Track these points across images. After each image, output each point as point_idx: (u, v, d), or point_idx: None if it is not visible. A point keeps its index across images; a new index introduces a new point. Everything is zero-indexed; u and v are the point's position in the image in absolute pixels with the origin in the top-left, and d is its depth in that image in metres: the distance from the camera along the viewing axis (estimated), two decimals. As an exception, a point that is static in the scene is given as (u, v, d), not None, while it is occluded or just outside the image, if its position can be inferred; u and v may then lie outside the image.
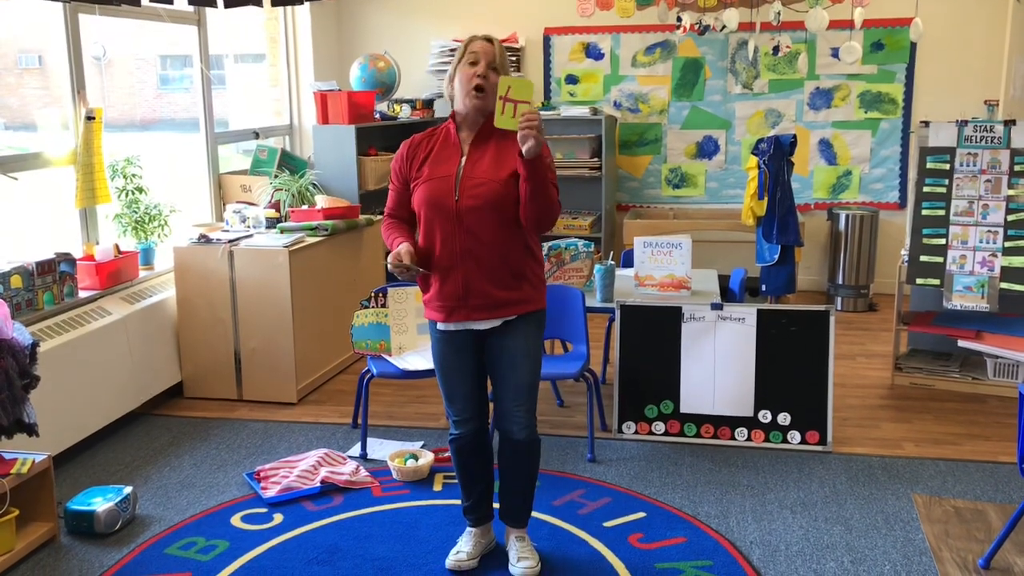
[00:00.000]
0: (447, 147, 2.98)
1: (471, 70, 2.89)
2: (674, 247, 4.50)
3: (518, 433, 3.05)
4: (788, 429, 4.18)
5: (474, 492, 3.21)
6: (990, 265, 4.74)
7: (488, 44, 2.92)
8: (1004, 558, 3.22)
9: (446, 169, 2.94)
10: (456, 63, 2.94)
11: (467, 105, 2.91)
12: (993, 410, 4.68)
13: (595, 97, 7.29)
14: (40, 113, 4.70)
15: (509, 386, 3.02)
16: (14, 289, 3.94)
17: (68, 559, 3.29)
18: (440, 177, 2.93)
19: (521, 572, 3.10)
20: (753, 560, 3.23)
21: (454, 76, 2.94)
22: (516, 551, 3.16)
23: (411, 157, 3.02)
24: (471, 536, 3.23)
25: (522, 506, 3.19)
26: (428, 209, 2.93)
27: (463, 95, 2.91)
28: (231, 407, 4.81)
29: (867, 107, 6.90)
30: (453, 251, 2.91)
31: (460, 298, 2.93)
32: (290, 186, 5.54)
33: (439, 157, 2.97)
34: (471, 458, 3.17)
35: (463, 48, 2.94)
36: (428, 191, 2.93)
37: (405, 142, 3.06)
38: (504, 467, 3.15)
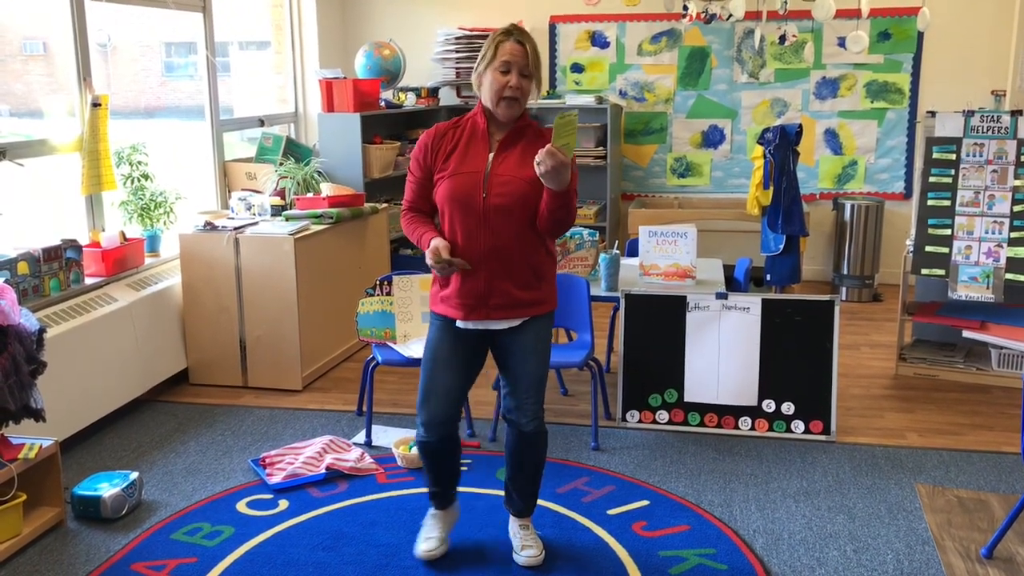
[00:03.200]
0: (475, 141, 2.90)
1: (503, 79, 2.80)
2: (679, 236, 4.50)
3: (527, 425, 3.04)
4: (792, 418, 4.19)
5: (443, 481, 3.17)
6: (995, 255, 4.73)
7: (520, 48, 2.81)
8: (1007, 548, 3.23)
9: (474, 164, 2.87)
10: (486, 62, 2.83)
11: (497, 112, 2.86)
12: (997, 400, 4.68)
13: (601, 86, 7.28)
14: (46, 100, 4.70)
15: (521, 380, 3.00)
16: (20, 275, 3.96)
17: (75, 544, 3.31)
18: (468, 172, 2.85)
19: (526, 561, 3.11)
20: (756, 548, 3.24)
21: (483, 73, 2.85)
22: (520, 539, 3.16)
23: (436, 148, 2.92)
24: (438, 519, 3.20)
25: (529, 497, 3.18)
26: (453, 205, 2.86)
27: (492, 101, 2.84)
28: (237, 394, 4.83)
29: (873, 97, 6.88)
30: (477, 249, 2.86)
31: (481, 297, 2.90)
32: (295, 174, 5.54)
33: (467, 151, 2.89)
34: (442, 460, 3.12)
35: (494, 46, 2.82)
36: (454, 186, 2.85)
37: (428, 131, 2.96)
38: (512, 458, 3.12)
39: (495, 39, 2.83)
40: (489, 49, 2.83)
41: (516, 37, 2.83)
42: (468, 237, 2.86)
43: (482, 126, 2.90)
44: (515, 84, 2.80)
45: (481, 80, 2.86)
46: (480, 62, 2.86)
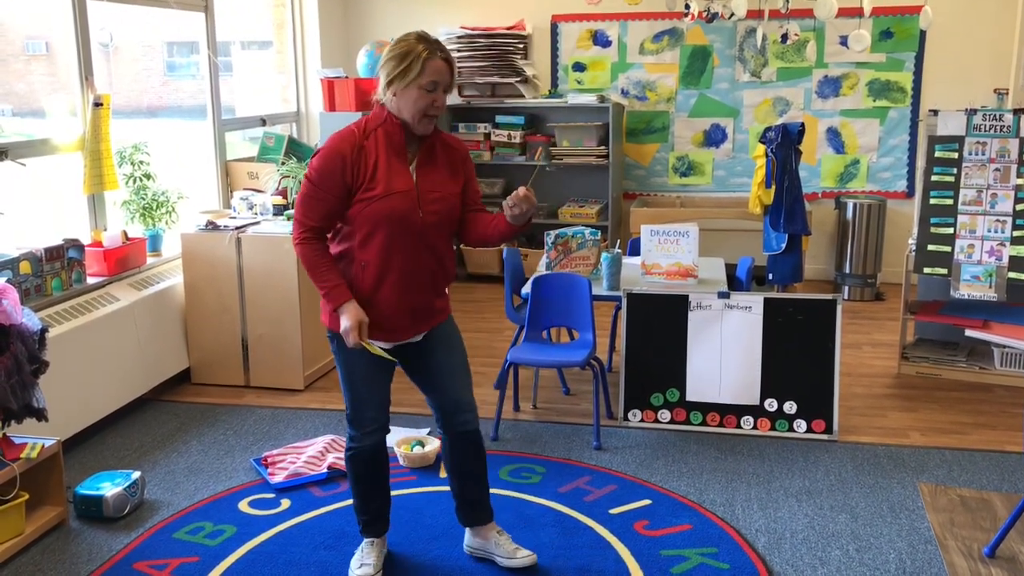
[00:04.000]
0: (393, 155, 2.76)
1: (429, 97, 2.71)
2: (681, 235, 4.49)
3: (472, 423, 3.02)
4: (794, 418, 4.19)
5: (375, 504, 3.09)
6: (998, 254, 4.73)
7: (447, 66, 2.74)
8: (1009, 547, 3.22)
9: (403, 182, 2.75)
10: (410, 77, 2.69)
11: (417, 128, 2.77)
12: (1000, 399, 4.68)
13: (602, 85, 7.27)
14: (48, 99, 4.70)
15: (455, 372, 2.99)
16: (23, 275, 3.96)
17: (77, 543, 3.31)
18: (401, 192, 2.74)
19: (526, 563, 3.07)
20: (758, 547, 3.24)
21: (404, 88, 2.71)
22: (504, 546, 3.11)
23: (357, 163, 2.72)
24: (373, 547, 3.10)
25: (487, 499, 3.14)
26: (389, 226, 2.73)
27: (414, 118, 2.74)
28: (238, 393, 4.83)
29: (875, 95, 6.88)
30: (414, 269, 2.81)
31: (410, 318, 2.88)
32: (297, 173, 5.54)
33: (389, 164, 2.75)
34: (375, 469, 3.05)
35: (418, 61, 2.69)
36: (390, 207, 2.72)
37: (338, 143, 2.74)
38: (462, 466, 3.07)
39: (419, 54, 2.69)
40: (414, 64, 2.69)
41: (442, 55, 2.74)
42: (406, 257, 2.78)
43: (399, 140, 2.78)
44: (441, 103, 2.75)
45: (398, 93, 2.72)
46: (400, 75, 2.70)
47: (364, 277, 2.80)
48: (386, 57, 2.75)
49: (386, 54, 2.76)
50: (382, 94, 2.77)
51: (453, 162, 2.89)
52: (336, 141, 2.75)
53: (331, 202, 2.75)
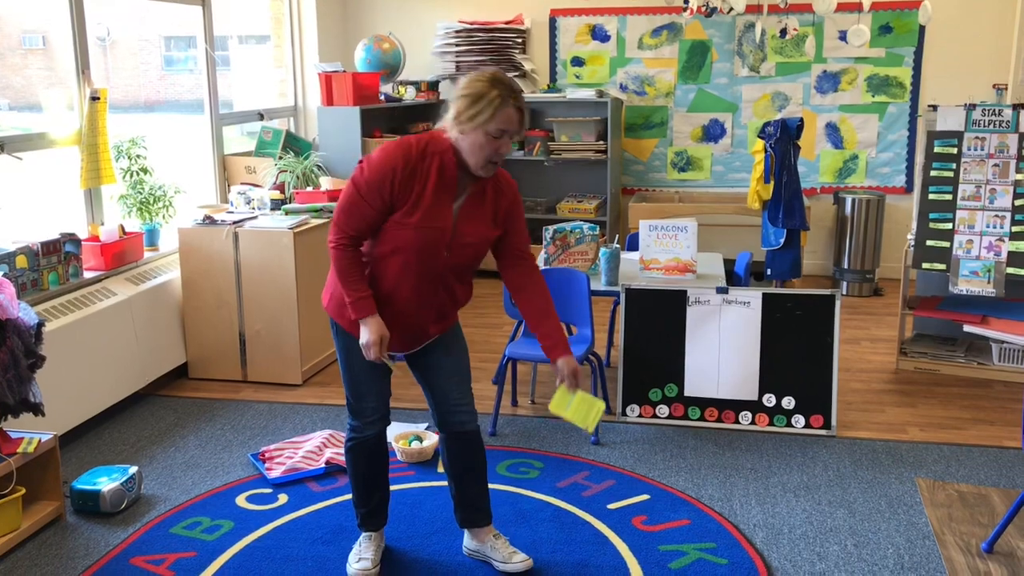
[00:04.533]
0: (443, 185, 2.69)
1: (495, 144, 2.64)
2: (679, 231, 4.49)
3: (470, 423, 3.01)
4: (792, 413, 4.18)
5: (375, 496, 3.08)
6: (997, 250, 4.72)
7: (518, 115, 2.65)
8: (1007, 542, 3.22)
9: (441, 218, 2.69)
10: (480, 121, 2.61)
11: (476, 171, 2.69)
12: (998, 395, 4.68)
13: (601, 79, 7.26)
14: (45, 93, 4.69)
15: (452, 376, 2.98)
16: (19, 269, 3.95)
17: (74, 538, 3.30)
18: (435, 228, 2.69)
19: (522, 568, 3.04)
20: (756, 543, 3.24)
21: (471, 128, 2.63)
22: (500, 549, 3.08)
23: (406, 183, 2.66)
24: (371, 541, 3.10)
25: (486, 501, 3.12)
26: (411, 255, 2.70)
27: (476, 161, 2.67)
28: (236, 388, 4.82)
29: (874, 91, 6.87)
30: (421, 301, 2.80)
31: (416, 338, 2.90)
32: (295, 168, 5.53)
33: (435, 199, 2.68)
34: (376, 460, 3.05)
35: (490, 107, 2.60)
36: (420, 240, 2.68)
37: (392, 155, 2.67)
38: (462, 467, 3.06)
39: (492, 100, 2.60)
40: (485, 108, 2.61)
41: (515, 102, 2.64)
42: (418, 288, 2.77)
43: (452, 176, 2.70)
44: (505, 151, 2.70)
45: (465, 131, 2.64)
46: (469, 116, 2.63)
47: (373, 288, 2.78)
48: (460, 91, 2.65)
49: (461, 87, 2.66)
50: (449, 126, 2.68)
51: (499, 207, 2.81)
52: (389, 155, 2.66)
53: (373, 216, 2.69)
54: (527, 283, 2.91)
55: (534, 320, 2.90)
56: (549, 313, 2.90)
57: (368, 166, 2.68)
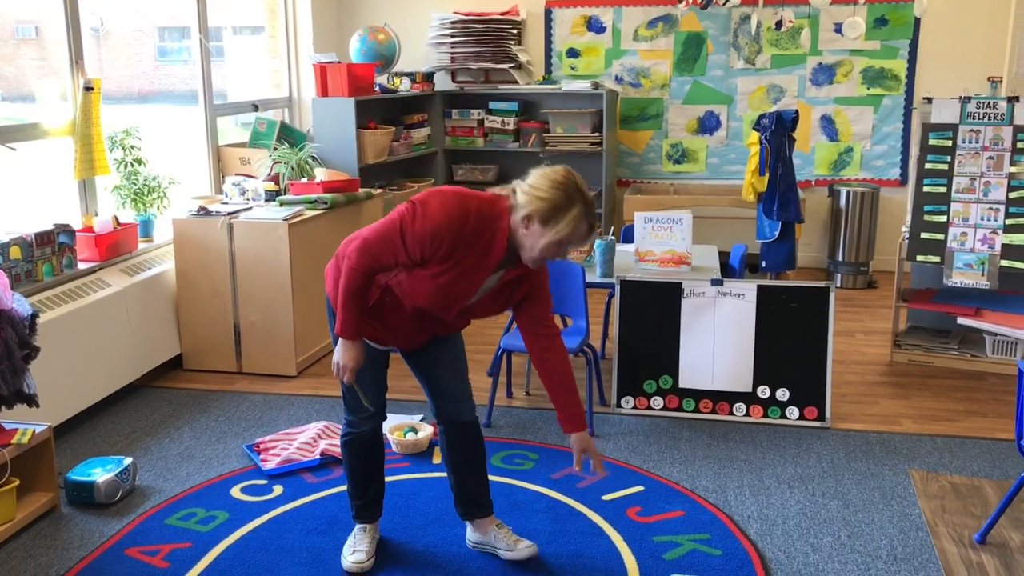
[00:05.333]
0: (484, 262, 2.61)
1: (556, 250, 2.56)
2: (675, 223, 4.49)
3: (469, 414, 3.02)
4: (786, 405, 4.19)
5: (371, 489, 3.09)
6: (991, 242, 4.73)
7: (590, 231, 2.59)
8: (1000, 533, 3.23)
9: (466, 290, 2.66)
10: (551, 226, 2.52)
11: (525, 259, 2.63)
12: (991, 387, 4.69)
13: (596, 71, 7.25)
14: (38, 84, 4.67)
15: (451, 368, 2.98)
16: (13, 260, 3.94)
17: (68, 529, 3.30)
18: (455, 295, 2.66)
19: (528, 554, 3.04)
20: (750, 534, 3.25)
21: (539, 229, 2.53)
22: (504, 538, 3.08)
23: (452, 248, 2.56)
24: (366, 533, 3.10)
25: (487, 492, 3.12)
26: (419, 303, 2.69)
27: (530, 256, 2.60)
28: (231, 379, 4.82)
29: (869, 83, 6.87)
30: (421, 327, 2.82)
31: (412, 344, 2.94)
32: (289, 159, 5.52)
33: (471, 270, 2.61)
34: (372, 454, 3.05)
35: (570, 222, 2.51)
36: (433, 298, 2.65)
37: (451, 222, 2.53)
38: (461, 458, 3.05)
39: (573, 219, 2.52)
40: (562, 221, 2.52)
41: (590, 221, 2.56)
42: (415, 322, 2.78)
43: (499, 257, 2.61)
44: (563, 257, 2.67)
45: (531, 227, 2.54)
46: (544, 219, 2.52)
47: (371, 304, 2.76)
48: (538, 191, 2.53)
49: (540, 186, 2.54)
50: (519, 211, 2.56)
51: (522, 286, 2.75)
52: (446, 218, 2.53)
53: (405, 261, 2.61)
54: (549, 356, 2.82)
55: (552, 392, 2.84)
56: (569, 388, 2.82)
57: (422, 216, 2.55)
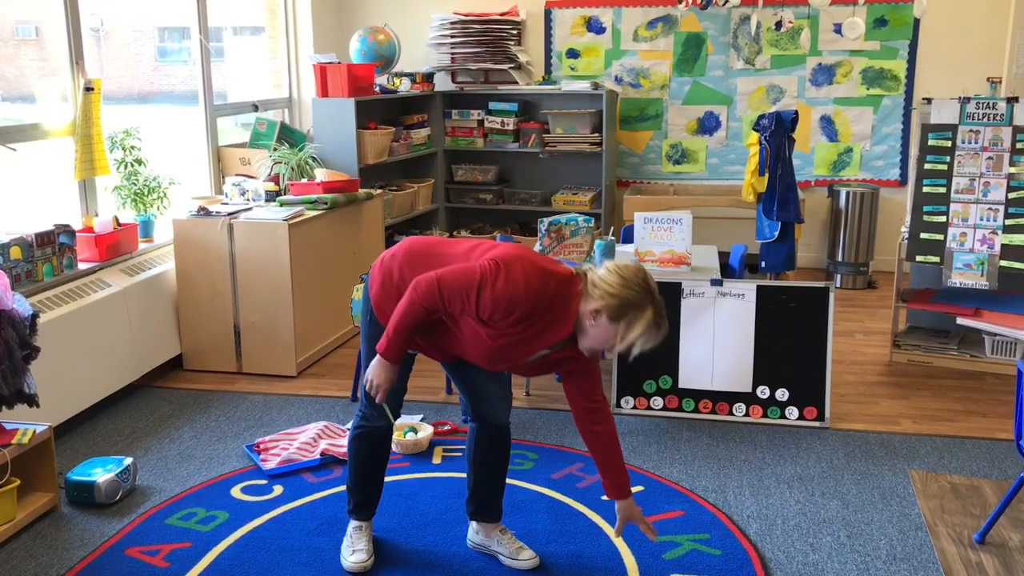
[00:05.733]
0: (543, 338, 2.61)
1: (617, 348, 2.57)
2: (674, 223, 4.49)
3: (504, 418, 3.02)
4: (786, 405, 4.20)
5: (372, 486, 3.08)
6: (990, 243, 4.74)
7: (659, 340, 2.60)
8: (999, 533, 3.24)
9: (517, 356, 2.65)
10: (622, 321, 2.52)
11: (582, 345, 2.62)
12: (991, 387, 4.70)
13: (596, 72, 7.25)
14: (38, 84, 4.67)
15: (493, 375, 2.95)
16: (13, 260, 3.94)
17: (69, 529, 3.31)
18: (506, 359, 2.66)
19: (529, 565, 3.04)
20: (750, 534, 3.25)
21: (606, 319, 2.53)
22: (507, 544, 3.08)
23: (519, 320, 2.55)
24: (363, 532, 3.09)
25: (500, 498, 3.13)
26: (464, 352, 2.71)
27: (589, 346, 2.61)
28: (231, 380, 4.82)
29: (869, 84, 6.87)
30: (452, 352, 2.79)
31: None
32: (289, 159, 5.52)
33: (530, 341, 2.60)
34: (380, 452, 3.05)
35: (641, 326, 2.52)
36: (484, 355, 2.65)
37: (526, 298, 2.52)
38: (485, 459, 3.05)
39: (646, 326, 2.53)
40: (634, 324, 2.52)
41: (662, 323, 2.57)
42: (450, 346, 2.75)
43: (559, 339, 2.61)
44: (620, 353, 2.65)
45: (599, 321, 2.54)
46: (614, 316, 2.52)
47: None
48: (613, 285, 2.52)
49: (616, 280, 2.53)
50: (588, 301, 2.54)
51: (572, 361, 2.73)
52: (525, 292, 2.52)
53: (472, 314, 2.57)
54: (597, 429, 2.82)
55: (600, 460, 2.86)
56: (616, 457, 2.84)
57: (504, 281, 2.52)
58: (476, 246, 2.74)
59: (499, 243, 2.73)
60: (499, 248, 2.66)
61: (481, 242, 2.76)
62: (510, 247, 2.67)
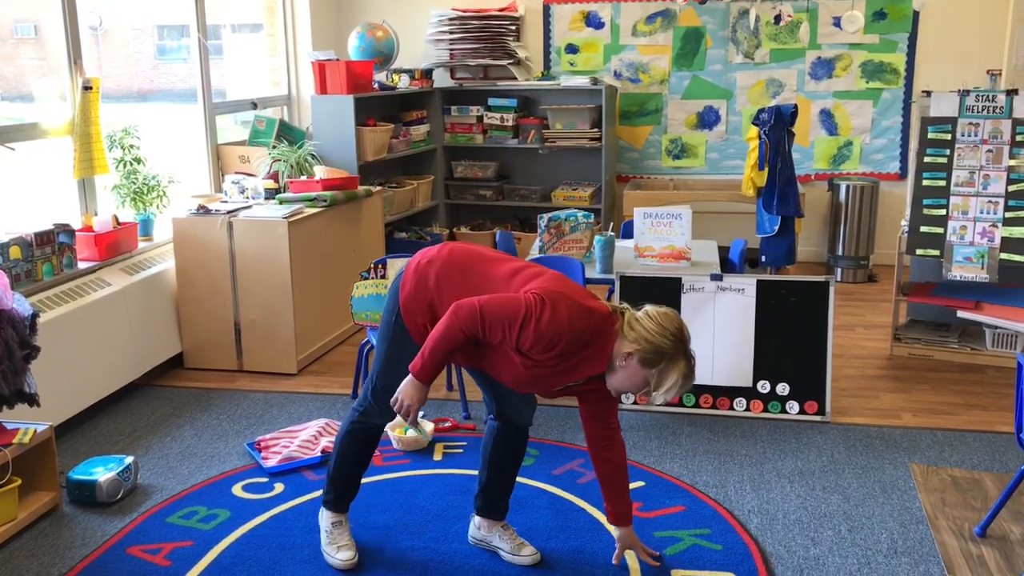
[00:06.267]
0: (579, 370, 2.63)
1: (644, 389, 2.62)
2: (674, 218, 4.49)
3: (527, 419, 3.02)
4: (787, 399, 4.20)
5: (356, 480, 3.07)
6: (990, 236, 4.73)
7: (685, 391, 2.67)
8: (1000, 526, 3.24)
9: (547, 385, 2.69)
10: (654, 369, 2.56)
11: (609, 386, 2.67)
12: (991, 380, 4.70)
13: (595, 67, 7.25)
14: (37, 83, 4.67)
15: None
16: (13, 260, 3.94)
17: (71, 528, 3.31)
18: (535, 384, 2.68)
19: (530, 561, 3.04)
20: (751, 528, 3.25)
21: (638, 363, 2.56)
22: (508, 540, 3.09)
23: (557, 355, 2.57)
24: (343, 527, 3.09)
25: (508, 498, 3.13)
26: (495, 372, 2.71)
27: (617, 386, 2.65)
28: (231, 378, 4.83)
29: (868, 77, 6.87)
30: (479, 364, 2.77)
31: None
32: (288, 157, 5.52)
33: (563, 373, 2.63)
34: (369, 448, 3.04)
35: (673, 375, 2.56)
36: (513, 379, 2.67)
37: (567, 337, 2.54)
38: (502, 459, 3.04)
39: (679, 378, 2.57)
40: (665, 374, 2.57)
41: (692, 377, 2.62)
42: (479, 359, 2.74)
43: (591, 374, 2.65)
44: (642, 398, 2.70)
45: (629, 363, 2.57)
46: (648, 363, 2.56)
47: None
48: (651, 332, 2.56)
49: (654, 327, 2.57)
50: (623, 343, 2.58)
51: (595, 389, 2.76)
52: (569, 330, 2.53)
53: (511, 344, 2.58)
54: (608, 455, 2.89)
55: (606, 485, 2.92)
56: (622, 484, 2.92)
57: (549, 317, 2.52)
58: (518, 271, 2.69)
59: (539, 268, 2.69)
60: (541, 279, 2.63)
61: (523, 267, 2.72)
62: (551, 279, 2.64)
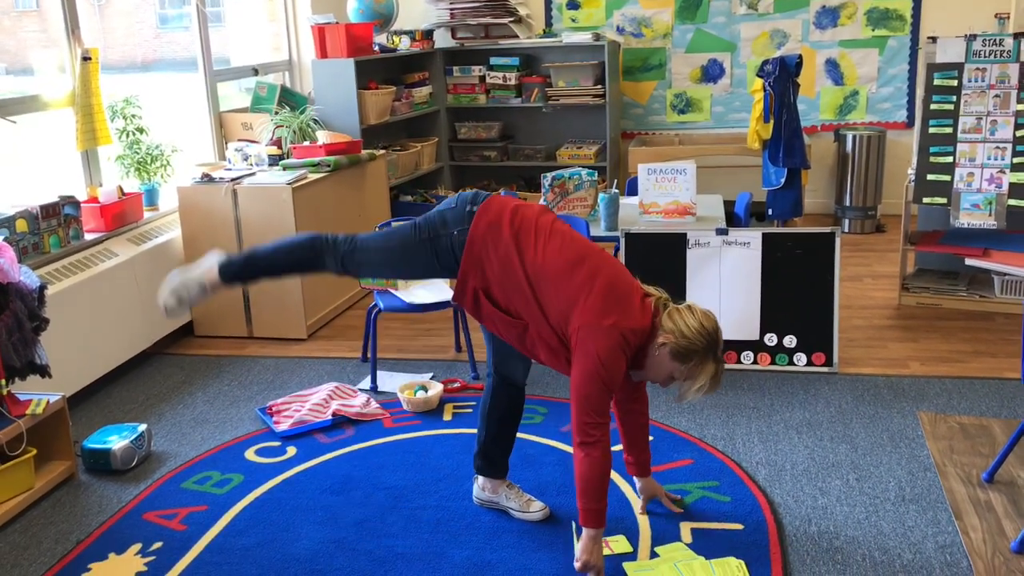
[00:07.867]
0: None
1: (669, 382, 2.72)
2: (678, 173, 4.47)
3: (522, 379, 3.05)
4: (794, 351, 4.20)
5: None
6: (998, 182, 4.70)
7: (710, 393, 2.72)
8: (1007, 471, 3.25)
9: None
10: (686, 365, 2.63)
11: (634, 373, 2.77)
12: (1000, 327, 4.69)
13: (597, 23, 7.17)
14: (38, 56, 4.66)
15: None
16: (20, 233, 3.96)
17: (87, 496, 3.36)
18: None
19: (540, 516, 3.07)
20: (759, 480, 3.28)
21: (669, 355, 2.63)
22: (515, 498, 3.11)
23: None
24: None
25: (507, 456, 3.15)
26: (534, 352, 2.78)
27: (645, 375, 2.76)
28: (242, 344, 4.86)
29: (874, 25, 6.78)
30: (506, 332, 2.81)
31: None
32: (291, 123, 5.51)
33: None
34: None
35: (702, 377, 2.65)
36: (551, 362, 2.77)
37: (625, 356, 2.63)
38: (499, 416, 3.07)
39: (708, 380, 2.65)
40: (695, 373, 2.65)
41: (719, 380, 2.69)
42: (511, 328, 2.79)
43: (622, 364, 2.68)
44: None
45: (662, 354, 2.64)
46: (680, 357, 2.63)
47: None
48: (689, 328, 2.62)
49: (693, 323, 2.63)
50: (660, 334, 2.63)
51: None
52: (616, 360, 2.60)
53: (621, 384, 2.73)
54: (635, 409, 3.01)
55: (629, 440, 3.05)
56: (644, 439, 3.05)
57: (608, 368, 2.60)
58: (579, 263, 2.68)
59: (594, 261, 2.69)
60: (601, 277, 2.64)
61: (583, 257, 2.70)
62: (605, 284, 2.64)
